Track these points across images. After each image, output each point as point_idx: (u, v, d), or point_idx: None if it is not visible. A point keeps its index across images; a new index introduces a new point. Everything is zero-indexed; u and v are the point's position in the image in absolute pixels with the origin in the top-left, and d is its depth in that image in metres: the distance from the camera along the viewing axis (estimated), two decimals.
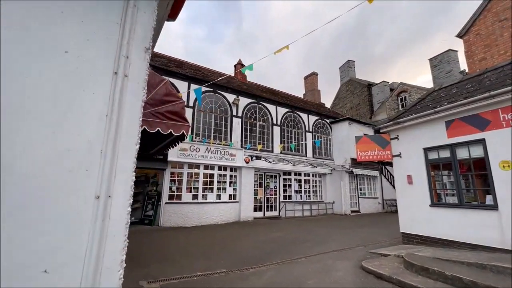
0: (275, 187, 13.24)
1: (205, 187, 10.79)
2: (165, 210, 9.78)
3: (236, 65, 17.48)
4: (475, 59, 10.67)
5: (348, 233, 8.69)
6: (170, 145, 4.70)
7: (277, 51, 3.67)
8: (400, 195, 7.18)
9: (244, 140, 12.39)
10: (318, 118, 15.76)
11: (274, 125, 13.61)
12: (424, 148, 6.63)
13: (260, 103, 13.34)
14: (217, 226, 10.09)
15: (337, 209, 14.54)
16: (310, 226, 10.33)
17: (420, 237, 6.54)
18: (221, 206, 11.00)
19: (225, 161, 11.25)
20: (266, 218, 12.39)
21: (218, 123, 11.82)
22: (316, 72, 23.95)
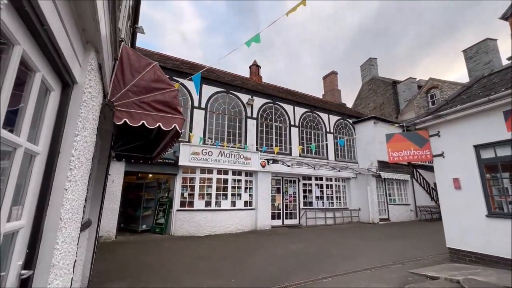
0: (294, 192, 12.28)
1: (218, 193, 10.12)
2: (177, 218, 9.21)
3: (251, 66, 16.91)
4: None
5: (380, 245, 7.55)
6: (167, 147, 4.06)
7: (291, 11, 2.90)
8: (445, 202, 6.01)
9: (260, 142, 11.63)
10: (339, 118, 14.64)
11: (292, 126, 12.73)
12: (476, 145, 5.47)
13: (276, 103, 12.56)
14: (231, 236, 9.34)
15: (364, 217, 13.23)
16: (334, 236, 9.26)
17: (474, 255, 5.33)
18: (236, 213, 10.25)
19: (239, 165, 10.54)
20: (285, 226, 11.45)
21: (231, 125, 11.18)
22: (335, 71, 22.80)
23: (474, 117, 5.51)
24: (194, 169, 9.85)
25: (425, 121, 6.38)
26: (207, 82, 10.83)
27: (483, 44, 16.86)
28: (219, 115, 10.94)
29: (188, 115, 10.15)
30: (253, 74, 16.51)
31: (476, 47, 17.21)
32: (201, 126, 10.29)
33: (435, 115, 6.08)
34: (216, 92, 10.97)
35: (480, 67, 16.83)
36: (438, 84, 19.74)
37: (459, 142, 5.77)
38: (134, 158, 5.52)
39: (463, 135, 5.71)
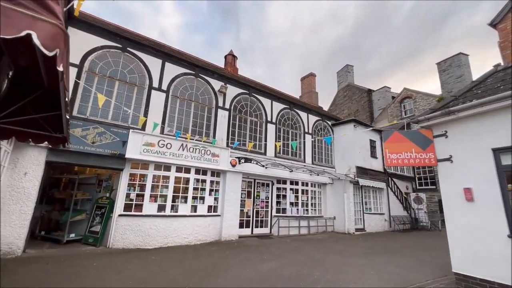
0: (267, 197, 10.82)
1: (176, 195, 8.24)
2: (118, 225, 7.16)
3: (227, 56, 15.26)
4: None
5: (367, 265, 6.34)
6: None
7: None
8: (452, 218, 4.95)
9: (232, 138, 10.00)
10: (319, 119, 13.61)
11: (269, 122, 11.32)
12: (494, 149, 4.47)
13: (253, 95, 11.07)
14: (189, 249, 7.52)
15: (339, 226, 12.23)
16: (312, 250, 7.92)
17: (489, 284, 4.27)
18: (197, 220, 8.45)
19: (205, 162, 8.78)
20: (254, 236, 9.89)
21: (199, 114, 9.40)
22: (314, 73, 22.06)
23: (493, 114, 4.53)
24: (146, 164, 7.88)
25: (431, 118, 5.33)
26: (171, 60, 8.95)
27: (456, 58, 17.26)
28: (183, 101, 9.10)
29: (144, 97, 8.17)
30: (228, 64, 14.86)
31: (449, 60, 17.58)
32: (159, 112, 8.36)
33: (444, 111, 5.03)
34: (182, 74, 9.13)
35: (452, 80, 17.18)
36: (412, 95, 19.96)
37: (473, 145, 4.76)
38: (43, 139, 3.57)
39: (478, 136, 4.71)
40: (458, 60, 17.09)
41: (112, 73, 7.80)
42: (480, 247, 4.45)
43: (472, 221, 4.61)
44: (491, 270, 4.28)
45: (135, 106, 8.01)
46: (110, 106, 7.53)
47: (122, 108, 7.59)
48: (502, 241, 4.19)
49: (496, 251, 4.24)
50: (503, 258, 4.15)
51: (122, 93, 7.88)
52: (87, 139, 6.88)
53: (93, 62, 7.52)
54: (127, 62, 8.12)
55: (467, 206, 4.70)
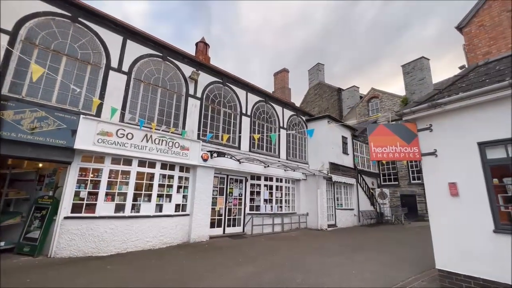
0: (240, 194, 10.18)
1: (138, 193, 7.19)
2: (64, 230, 5.94)
3: (198, 43, 14.18)
4: (477, 53, 9.33)
5: (348, 264, 6.08)
6: None
7: None
8: (436, 213, 4.82)
9: (203, 130, 9.13)
10: (293, 114, 13.31)
11: (244, 115, 10.64)
12: (480, 142, 4.38)
13: (227, 84, 10.28)
14: (152, 254, 6.57)
15: (312, 222, 12.10)
16: (288, 250, 7.50)
17: (474, 280, 4.18)
18: (163, 221, 7.49)
19: (173, 156, 7.83)
20: (226, 236, 9.20)
21: (166, 102, 8.36)
22: (287, 68, 21.88)
23: (480, 108, 4.44)
24: (101, 156, 6.70)
25: (416, 111, 5.16)
26: (134, 38, 7.77)
27: (419, 61, 18.31)
28: (148, 86, 7.99)
29: (99, 78, 6.93)
30: (199, 52, 13.79)
31: (413, 63, 18.60)
32: (119, 97, 7.18)
33: (431, 104, 4.87)
34: (148, 56, 8.00)
35: (415, 82, 18.20)
36: (379, 95, 20.82)
37: (458, 138, 4.66)
38: None
39: (464, 130, 4.61)
40: (420, 63, 18.15)
41: (58, 47, 6.44)
42: (465, 242, 4.35)
43: (457, 217, 4.50)
44: (476, 266, 4.18)
45: (89, 89, 6.75)
46: (54, 85, 6.20)
47: (70, 89, 6.29)
48: (487, 236, 4.11)
49: (481, 247, 4.15)
50: (488, 253, 4.07)
51: (71, 72, 6.56)
52: (23, 125, 5.53)
53: (32, 30, 6.09)
54: (78, 35, 6.79)
55: (452, 201, 4.59)
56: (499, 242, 3.98)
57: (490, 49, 9.06)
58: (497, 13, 9.06)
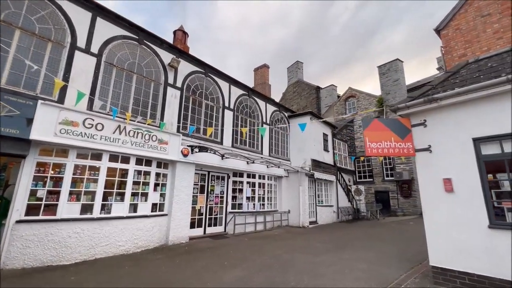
0: (222, 192, 9.65)
1: (109, 191, 6.37)
2: (16, 236, 5.00)
3: (176, 31, 13.26)
4: (454, 55, 9.75)
5: (336, 262, 5.89)
6: None
7: None
8: (430, 209, 4.76)
9: (183, 123, 8.44)
10: (276, 110, 13.02)
11: (226, 108, 10.09)
12: (475, 138, 4.38)
13: (209, 75, 9.64)
14: (125, 260, 5.84)
15: (293, 220, 11.94)
16: (275, 250, 7.17)
17: (468, 276, 4.16)
18: (138, 222, 6.75)
19: (150, 150, 7.08)
20: (208, 236, 8.64)
21: (143, 91, 7.54)
22: (267, 64, 21.58)
23: (474, 104, 4.43)
24: (65, 149, 5.78)
25: (411, 106, 5.07)
26: (106, 16, 6.85)
27: (394, 63, 19.04)
28: (122, 71, 7.12)
29: (63, 58, 5.96)
30: (178, 41, 12.88)
31: (388, 64, 19.29)
32: (87, 82, 6.26)
33: (427, 99, 4.79)
34: (122, 37, 7.12)
35: (390, 83, 18.90)
36: (356, 94, 21.37)
37: (453, 134, 4.63)
38: None
39: (459, 126, 4.58)
40: (395, 65, 18.89)
41: (9, 17, 5.38)
42: (460, 239, 4.32)
43: (451, 213, 4.46)
44: (470, 262, 4.16)
45: (49, 69, 5.76)
46: (5, 63, 5.17)
47: (26, 68, 5.30)
48: (482, 232, 4.10)
49: (476, 243, 4.14)
50: (483, 249, 4.06)
51: (27, 49, 5.54)
52: None
53: None
54: (36, 6, 5.76)
55: (446, 197, 4.55)
56: (494, 237, 3.98)
57: (465, 51, 9.46)
58: (472, 17, 9.46)
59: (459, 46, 9.66)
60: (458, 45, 9.70)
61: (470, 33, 9.43)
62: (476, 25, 9.30)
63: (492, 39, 8.83)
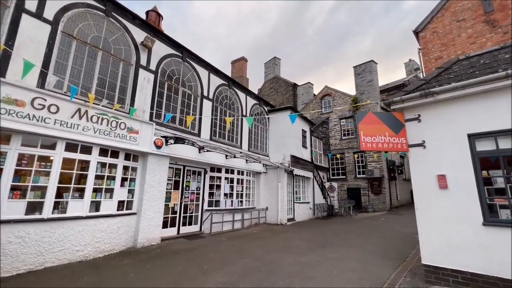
0: (198, 188, 8.92)
1: (65, 187, 5.34)
2: None
3: (149, 12, 12.06)
4: (430, 57, 10.09)
5: (323, 262, 5.60)
6: None
7: None
8: (423, 206, 4.63)
9: (157, 111, 7.54)
10: (256, 103, 12.51)
11: (205, 98, 9.32)
12: (470, 134, 4.30)
13: (187, 60, 8.79)
14: (83, 268, 4.93)
15: (271, 217, 11.61)
16: (256, 250, 6.70)
17: (461, 274, 4.08)
18: (101, 223, 5.80)
19: (117, 139, 6.13)
20: (182, 237, 7.88)
21: (110, 70, 6.51)
22: (245, 57, 20.97)
23: (470, 99, 4.36)
24: (6, 134, 4.65)
25: (406, 100, 4.90)
26: None
27: (368, 64, 19.62)
28: (84, 45, 6.04)
29: (5, 22, 4.78)
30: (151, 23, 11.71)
31: (364, 65, 19.83)
32: (38, 52, 5.14)
33: (423, 92, 4.64)
34: (84, 5, 6.02)
35: (364, 83, 19.45)
36: (332, 92, 21.71)
37: (448, 130, 4.53)
38: None
39: (454, 121, 4.49)
40: (370, 66, 19.48)
41: None
42: (453, 236, 4.23)
43: (445, 210, 4.36)
44: (463, 259, 4.08)
45: None
46: None
47: None
48: (476, 229, 4.03)
49: (470, 240, 4.06)
50: (477, 246, 3.99)
51: None
52: None
53: None
54: None
55: (440, 194, 4.44)
56: (488, 235, 3.92)
57: (441, 54, 9.80)
58: (449, 22, 9.79)
59: (436, 49, 9.98)
60: (435, 47, 10.02)
61: (446, 36, 9.76)
62: (452, 29, 9.65)
63: (466, 43, 9.21)
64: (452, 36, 9.62)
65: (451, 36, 9.64)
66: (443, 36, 9.87)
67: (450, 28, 9.71)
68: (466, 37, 9.26)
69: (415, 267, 5.27)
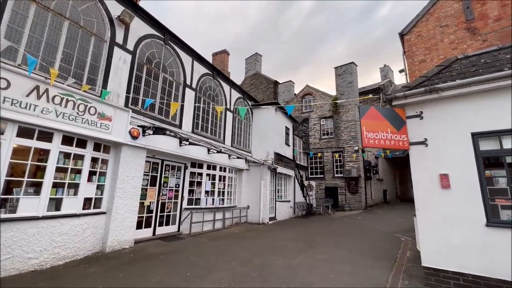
0: (177, 185, 8.16)
1: (16, 180, 4.37)
2: None
3: None
4: (415, 59, 10.30)
5: (316, 265, 5.27)
6: None
7: None
8: (424, 206, 4.47)
9: (135, 96, 6.66)
10: (240, 97, 11.93)
11: (188, 87, 8.55)
12: (474, 133, 4.20)
13: (170, 43, 7.96)
14: (38, 279, 4.05)
15: (252, 216, 11.16)
16: (242, 252, 6.20)
17: (463, 277, 3.95)
18: (62, 224, 4.89)
19: (85, 126, 5.22)
20: (158, 238, 7.10)
21: (78, 45, 5.54)
22: (227, 50, 20.23)
23: (474, 97, 4.26)
24: None
25: (409, 96, 4.71)
26: None
27: (349, 66, 19.96)
28: (47, 12, 5.03)
29: None
30: None
31: (344, 67, 20.14)
32: None
33: (428, 88, 4.47)
34: None
35: (345, 84, 19.76)
36: (313, 92, 21.80)
37: (451, 128, 4.40)
38: None
39: (457, 119, 4.37)
40: (350, 68, 19.83)
41: None
42: (455, 237, 4.09)
43: (447, 210, 4.22)
44: (465, 261, 3.96)
45: None
46: None
47: None
48: (479, 230, 3.92)
49: (472, 242, 3.95)
50: (479, 248, 3.88)
51: None
52: None
53: None
54: None
55: (443, 194, 4.29)
56: (491, 236, 3.83)
57: (425, 57, 10.03)
58: (432, 26, 10.04)
59: (420, 52, 10.20)
60: (419, 50, 10.23)
61: (430, 40, 10.01)
62: (435, 34, 9.91)
63: (448, 48, 9.49)
64: (435, 40, 9.87)
65: (435, 40, 9.89)
66: (427, 40, 10.10)
67: (434, 33, 9.96)
68: (449, 42, 9.53)
69: (408, 268, 5.15)
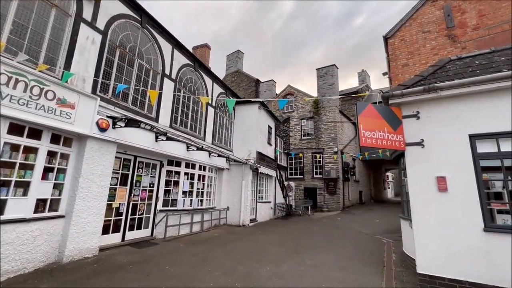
0: (152, 185, 7.39)
1: None
2: None
3: None
4: (398, 63, 10.43)
5: (305, 272, 4.91)
6: None
7: None
8: (420, 210, 4.28)
9: (103, 83, 5.82)
10: (222, 92, 11.33)
11: (166, 77, 7.79)
12: (472, 135, 4.08)
13: (147, 27, 7.16)
14: None
15: (232, 218, 10.61)
16: (224, 260, 5.66)
17: (459, 284, 3.79)
18: (4, 232, 4.00)
19: (40, 113, 4.36)
20: (128, 244, 6.30)
21: (33, 18, 4.63)
22: (208, 44, 19.46)
23: (472, 98, 4.15)
24: None
25: (407, 94, 4.50)
26: None
27: (331, 68, 20.15)
28: None
29: None
30: None
31: (326, 69, 20.29)
32: None
33: (427, 87, 4.29)
34: None
35: (326, 86, 19.91)
36: (294, 92, 21.73)
37: (449, 129, 4.25)
38: None
39: (455, 120, 4.23)
40: (332, 70, 20.02)
41: None
42: (452, 243, 3.93)
43: (444, 214, 4.05)
44: (463, 268, 3.80)
45: None
46: None
47: None
48: (476, 235, 3.79)
49: (470, 247, 3.80)
50: (477, 254, 3.74)
51: None
52: None
53: None
54: None
55: (440, 197, 4.13)
56: (489, 241, 3.70)
57: (408, 61, 10.18)
58: (415, 32, 10.22)
59: (403, 56, 10.34)
60: (402, 54, 10.36)
61: (413, 45, 10.17)
62: (418, 39, 10.09)
63: (429, 54, 9.69)
64: (418, 45, 10.05)
65: (417, 45, 10.06)
66: (410, 44, 10.26)
67: (417, 38, 10.14)
68: (430, 48, 9.73)
69: (398, 273, 4.97)
